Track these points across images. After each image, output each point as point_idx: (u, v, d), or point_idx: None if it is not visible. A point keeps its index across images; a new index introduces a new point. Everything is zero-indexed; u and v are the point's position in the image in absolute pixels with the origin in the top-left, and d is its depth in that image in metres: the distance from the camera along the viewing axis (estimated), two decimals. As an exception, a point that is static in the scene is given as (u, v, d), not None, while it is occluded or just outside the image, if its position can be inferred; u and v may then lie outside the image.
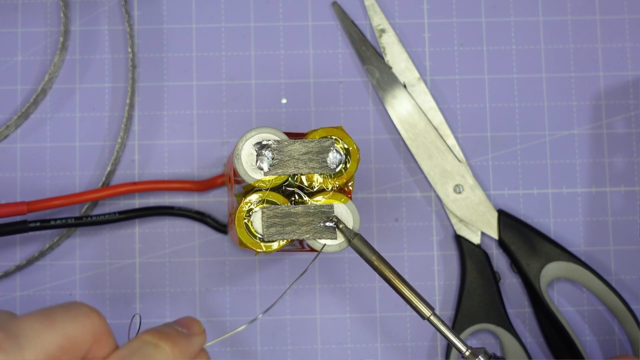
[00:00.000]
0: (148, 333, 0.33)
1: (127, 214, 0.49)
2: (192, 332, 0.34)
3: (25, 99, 0.51)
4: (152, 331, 0.33)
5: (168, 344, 0.32)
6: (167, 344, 0.32)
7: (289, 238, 0.39)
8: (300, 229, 0.39)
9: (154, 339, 0.32)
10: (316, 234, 0.39)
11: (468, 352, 0.38)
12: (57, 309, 0.29)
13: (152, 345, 0.32)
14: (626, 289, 0.51)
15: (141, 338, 0.32)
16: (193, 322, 0.35)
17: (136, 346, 0.32)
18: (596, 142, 0.52)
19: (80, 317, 0.30)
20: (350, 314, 0.50)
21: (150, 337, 0.32)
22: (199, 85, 0.51)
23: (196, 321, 0.35)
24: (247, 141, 0.39)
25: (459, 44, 0.52)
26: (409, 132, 0.51)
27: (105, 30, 0.52)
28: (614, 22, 0.53)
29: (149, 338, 0.32)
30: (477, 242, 0.50)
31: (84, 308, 0.30)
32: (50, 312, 0.29)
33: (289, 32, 0.52)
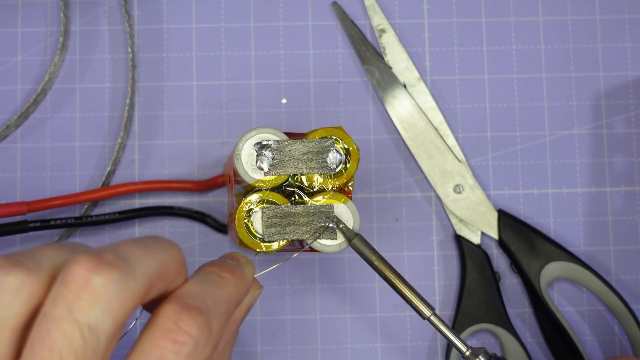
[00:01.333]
0: (207, 265, 0.34)
1: (127, 214, 0.49)
2: (241, 262, 0.36)
3: (25, 99, 0.51)
4: (209, 264, 0.35)
5: (228, 273, 0.34)
6: (227, 273, 0.34)
7: (289, 238, 0.39)
8: (300, 229, 0.39)
9: (216, 269, 0.34)
10: (316, 234, 0.39)
11: (468, 352, 0.38)
12: (149, 239, 0.31)
13: (216, 274, 0.33)
14: (626, 289, 0.51)
15: (204, 270, 0.34)
16: (239, 255, 0.37)
17: (204, 276, 0.33)
18: (596, 142, 0.52)
19: (169, 248, 0.31)
20: (350, 314, 0.50)
21: (212, 268, 0.34)
22: (199, 85, 0.51)
23: (241, 254, 0.37)
24: (247, 141, 0.39)
25: (459, 44, 0.52)
26: (409, 132, 0.51)
27: (105, 30, 0.52)
28: (614, 22, 0.53)
29: (210, 269, 0.34)
30: (477, 242, 0.50)
31: (169, 241, 0.31)
32: (146, 241, 0.30)
33: (289, 32, 0.52)
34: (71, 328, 0.27)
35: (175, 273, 0.31)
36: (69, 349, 0.27)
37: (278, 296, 0.50)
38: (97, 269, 0.28)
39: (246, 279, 0.35)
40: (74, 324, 0.27)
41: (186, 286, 0.32)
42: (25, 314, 0.28)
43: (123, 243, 0.30)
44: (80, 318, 0.27)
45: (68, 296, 0.27)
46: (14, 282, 0.28)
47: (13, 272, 0.28)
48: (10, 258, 0.29)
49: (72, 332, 0.27)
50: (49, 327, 0.27)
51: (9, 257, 0.29)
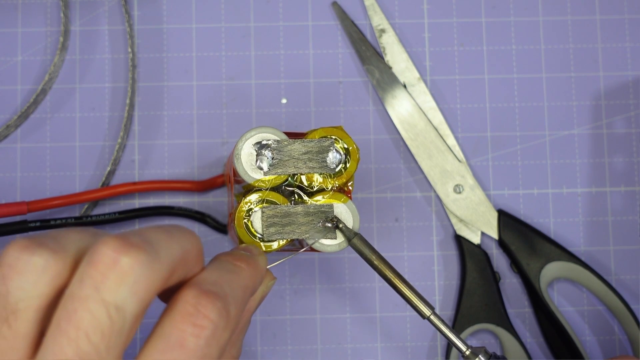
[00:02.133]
0: (222, 255, 0.35)
1: (127, 214, 0.49)
2: (253, 253, 0.37)
3: (25, 99, 0.51)
4: (224, 254, 0.35)
5: (243, 263, 0.34)
6: (242, 262, 0.34)
7: (288, 238, 0.39)
8: (300, 228, 0.39)
9: (230, 259, 0.35)
10: (316, 234, 0.39)
11: (468, 351, 0.38)
12: (171, 226, 0.31)
13: (231, 263, 0.34)
14: (626, 289, 0.51)
15: (219, 259, 0.34)
16: (252, 247, 0.38)
17: (220, 265, 0.34)
18: (596, 142, 0.52)
19: (190, 235, 0.32)
20: (350, 314, 0.50)
21: (227, 258, 0.35)
22: (199, 85, 0.51)
23: (254, 246, 0.38)
24: (247, 141, 0.39)
25: (459, 44, 0.52)
26: (409, 132, 0.51)
27: (105, 30, 0.52)
28: (614, 22, 0.53)
29: (226, 258, 0.35)
30: (477, 242, 0.50)
31: (190, 230, 0.32)
32: (169, 228, 0.31)
33: (289, 32, 0.52)
34: (98, 307, 0.27)
35: (194, 260, 0.32)
36: (95, 328, 0.27)
37: (278, 296, 0.50)
38: (125, 250, 0.28)
39: (260, 269, 0.36)
40: (101, 304, 0.27)
41: (204, 273, 0.32)
42: (49, 294, 0.28)
43: (148, 228, 0.30)
44: (107, 298, 0.27)
45: (95, 276, 0.28)
46: (39, 262, 0.28)
47: (38, 252, 0.28)
48: (36, 240, 0.29)
49: (99, 312, 0.27)
50: (75, 307, 0.27)
51: (34, 238, 0.29)
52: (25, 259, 0.28)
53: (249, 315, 0.37)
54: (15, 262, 0.28)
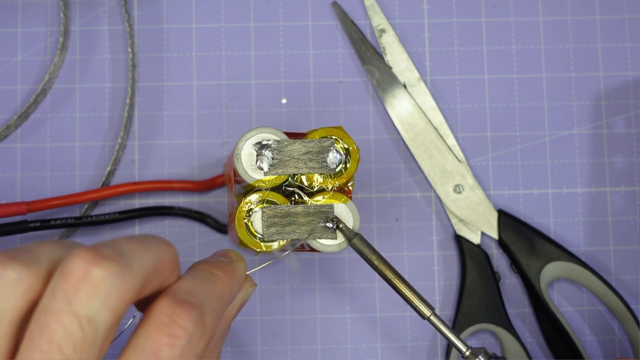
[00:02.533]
0: (199, 263, 0.35)
1: (127, 214, 0.49)
2: (232, 259, 0.36)
3: (25, 99, 0.51)
4: (201, 262, 0.35)
5: (220, 271, 0.34)
6: (219, 270, 0.34)
7: (288, 238, 0.39)
8: (300, 228, 0.39)
9: (207, 267, 0.34)
10: (316, 234, 0.39)
11: (468, 352, 0.38)
12: (144, 236, 0.31)
13: (207, 272, 0.34)
14: (626, 289, 0.51)
15: (196, 268, 0.34)
16: (230, 252, 0.37)
17: (196, 273, 0.33)
18: (596, 142, 0.52)
19: (165, 245, 0.32)
20: (350, 314, 0.50)
21: (203, 266, 0.34)
22: (199, 85, 0.51)
23: (232, 250, 0.37)
24: (247, 141, 0.39)
25: (459, 44, 0.52)
26: (409, 132, 0.51)
27: (105, 30, 0.52)
28: (614, 22, 0.53)
29: (202, 267, 0.34)
30: (477, 242, 0.50)
31: (164, 239, 0.32)
32: (142, 238, 0.31)
33: (289, 32, 0.52)
34: (70, 320, 0.27)
35: (169, 270, 0.32)
36: (67, 341, 0.27)
37: (278, 296, 0.50)
38: (96, 262, 0.28)
39: (238, 276, 0.35)
40: (72, 316, 0.27)
41: (179, 282, 0.32)
42: (22, 308, 0.28)
43: (120, 239, 0.30)
44: (79, 310, 0.27)
45: (67, 288, 0.28)
46: (11, 276, 0.28)
47: (11, 266, 0.28)
48: (8, 253, 0.29)
49: (71, 324, 0.27)
50: (47, 320, 0.27)
51: (7, 252, 0.29)
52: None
53: (228, 322, 0.37)
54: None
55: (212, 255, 0.37)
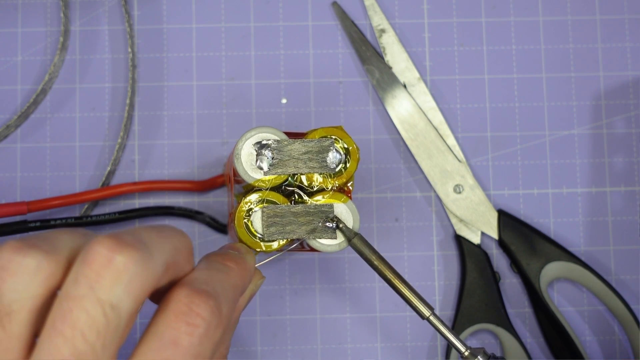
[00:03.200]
0: (212, 255, 0.35)
1: (127, 214, 0.49)
2: (242, 252, 0.37)
3: (25, 99, 0.51)
4: (213, 254, 0.36)
5: (232, 262, 0.35)
6: (231, 262, 0.35)
7: (288, 237, 0.39)
8: (300, 228, 0.39)
9: (220, 259, 0.35)
10: (316, 234, 0.39)
11: (467, 352, 0.38)
12: (162, 226, 0.32)
13: (220, 263, 0.34)
14: (626, 289, 0.51)
15: (209, 259, 0.35)
16: (239, 246, 0.38)
17: (210, 264, 0.34)
18: (596, 142, 0.52)
19: (181, 235, 0.32)
20: (350, 314, 0.50)
21: (216, 258, 0.35)
22: (199, 85, 0.51)
23: (241, 244, 0.38)
24: (247, 141, 0.39)
25: (459, 44, 0.52)
26: (409, 132, 0.51)
27: (105, 30, 0.52)
28: (614, 22, 0.53)
29: (215, 258, 0.35)
30: (477, 242, 0.50)
31: (180, 230, 0.32)
32: (160, 228, 0.31)
33: (289, 32, 0.52)
34: (93, 306, 0.27)
35: (185, 259, 0.32)
36: (91, 327, 0.27)
37: (278, 296, 0.50)
38: (119, 248, 0.28)
39: (249, 268, 0.36)
40: (96, 302, 0.27)
41: (195, 273, 0.33)
42: (42, 295, 0.28)
43: (139, 228, 0.30)
44: (102, 296, 0.27)
45: (90, 275, 0.28)
46: (31, 264, 0.28)
47: (31, 253, 0.28)
48: (27, 241, 0.29)
49: (94, 311, 0.27)
50: (70, 306, 0.27)
51: (25, 240, 0.29)
52: (18, 260, 0.28)
53: (238, 314, 0.37)
54: (7, 264, 0.28)
55: (221, 248, 0.37)
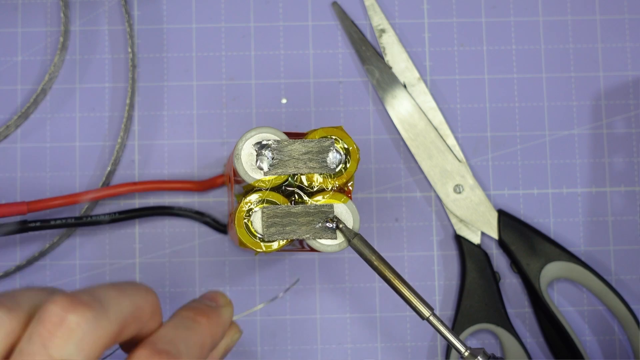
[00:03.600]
0: (183, 309, 0.35)
1: (127, 214, 0.49)
2: (219, 304, 0.37)
3: (25, 99, 0.51)
4: (186, 308, 0.36)
5: (203, 318, 0.35)
6: (202, 317, 0.35)
7: (289, 238, 0.39)
8: (300, 228, 0.39)
9: (191, 314, 0.35)
10: (316, 234, 0.39)
11: (467, 352, 0.38)
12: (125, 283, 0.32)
13: (190, 319, 0.34)
14: (626, 289, 0.51)
15: (179, 314, 0.35)
16: (218, 296, 0.38)
17: (178, 321, 0.34)
18: (596, 142, 0.52)
19: (144, 292, 0.32)
20: (350, 314, 0.50)
21: (187, 313, 0.35)
22: (199, 85, 0.51)
23: (221, 294, 0.38)
24: (247, 141, 0.39)
25: (459, 44, 0.52)
26: (409, 132, 0.51)
27: (105, 30, 0.52)
28: (614, 22, 0.53)
29: (185, 313, 0.35)
30: (477, 242, 0.50)
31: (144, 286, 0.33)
32: (120, 285, 0.32)
33: (289, 32, 0.52)
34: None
35: (149, 316, 0.32)
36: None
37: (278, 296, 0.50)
38: (72, 307, 0.29)
39: (222, 322, 0.36)
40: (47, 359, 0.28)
41: (160, 331, 0.33)
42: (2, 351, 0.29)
43: (99, 286, 0.31)
44: (54, 354, 0.28)
45: (43, 333, 0.28)
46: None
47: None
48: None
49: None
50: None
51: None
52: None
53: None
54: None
55: (200, 297, 0.38)
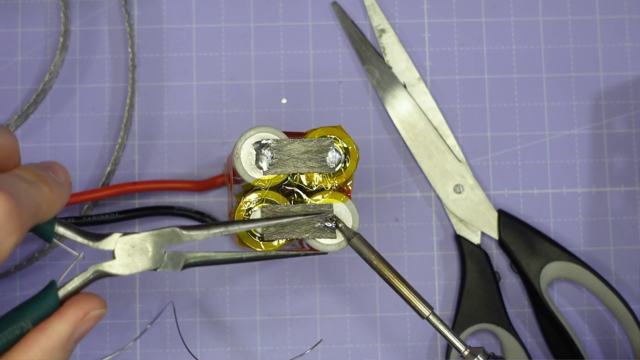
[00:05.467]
0: (28, 169, 0.33)
1: (127, 214, 0.49)
2: (61, 180, 0.34)
3: (25, 99, 0.51)
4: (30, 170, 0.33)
5: (46, 187, 0.32)
6: (45, 186, 0.32)
7: (288, 237, 0.39)
8: (299, 228, 0.39)
9: (34, 178, 0.32)
10: (315, 234, 0.39)
11: (467, 351, 0.38)
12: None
13: (34, 181, 0.32)
14: (626, 289, 0.51)
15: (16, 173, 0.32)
16: (61, 170, 0.35)
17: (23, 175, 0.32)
18: (596, 142, 0.52)
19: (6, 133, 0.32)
20: (350, 314, 0.50)
21: (31, 174, 0.33)
22: (199, 85, 0.51)
23: (63, 168, 0.35)
24: (247, 140, 0.39)
25: (459, 44, 0.52)
26: (409, 132, 0.51)
27: (105, 30, 0.52)
28: (614, 22, 0.53)
29: (30, 174, 0.33)
30: (477, 242, 0.50)
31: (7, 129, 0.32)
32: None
33: (289, 32, 0.52)
34: None
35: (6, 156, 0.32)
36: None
37: (278, 296, 0.50)
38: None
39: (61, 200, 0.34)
40: None
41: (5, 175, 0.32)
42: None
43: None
44: None
45: None
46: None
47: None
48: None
49: None
50: None
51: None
52: None
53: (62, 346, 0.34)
54: None
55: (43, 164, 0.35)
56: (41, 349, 0.33)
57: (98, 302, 0.35)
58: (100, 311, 0.35)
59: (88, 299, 0.34)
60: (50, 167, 0.34)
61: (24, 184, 0.31)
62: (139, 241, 0.36)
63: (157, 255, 0.36)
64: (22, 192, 0.30)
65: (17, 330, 0.33)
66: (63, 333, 0.34)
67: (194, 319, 0.50)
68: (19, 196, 0.30)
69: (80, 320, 0.34)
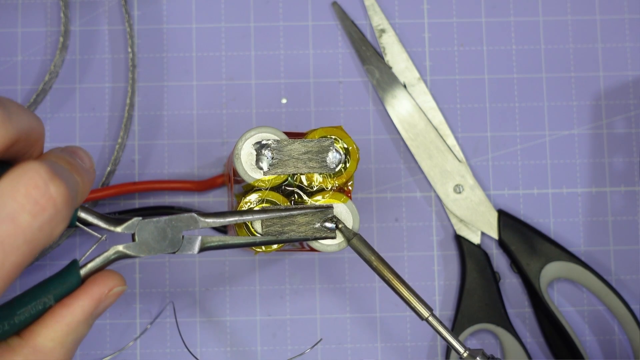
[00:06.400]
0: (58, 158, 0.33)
1: (127, 214, 0.49)
2: (88, 167, 0.35)
3: (25, 99, 0.51)
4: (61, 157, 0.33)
5: (79, 176, 0.33)
6: (77, 175, 0.33)
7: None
8: (299, 228, 0.39)
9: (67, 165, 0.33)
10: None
11: (466, 353, 0.38)
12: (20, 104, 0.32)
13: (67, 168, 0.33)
14: (626, 289, 0.51)
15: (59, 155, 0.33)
16: (87, 157, 0.35)
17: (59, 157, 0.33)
18: (596, 142, 0.52)
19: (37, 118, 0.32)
20: (350, 314, 0.50)
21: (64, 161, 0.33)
22: (199, 85, 0.51)
23: (88, 155, 0.36)
24: (247, 141, 0.39)
25: (459, 44, 0.52)
26: (409, 132, 0.51)
27: (105, 30, 0.52)
28: (614, 22, 0.53)
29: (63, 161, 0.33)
30: (477, 242, 0.50)
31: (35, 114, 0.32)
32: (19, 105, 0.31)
33: (289, 32, 0.52)
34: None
35: (36, 140, 0.32)
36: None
37: (278, 296, 0.50)
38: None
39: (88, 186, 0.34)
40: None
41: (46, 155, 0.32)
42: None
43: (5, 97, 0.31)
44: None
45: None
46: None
47: None
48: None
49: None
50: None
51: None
52: None
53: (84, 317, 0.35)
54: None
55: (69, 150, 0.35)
56: (66, 324, 0.34)
57: (120, 279, 0.36)
58: (122, 288, 0.36)
59: (111, 276, 0.36)
60: (76, 152, 0.35)
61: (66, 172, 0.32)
62: (159, 225, 0.37)
63: (175, 239, 0.37)
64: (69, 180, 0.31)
65: (39, 306, 0.34)
66: (87, 308, 0.35)
67: (194, 319, 0.50)
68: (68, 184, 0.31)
69: (105, 297, 0.35)
